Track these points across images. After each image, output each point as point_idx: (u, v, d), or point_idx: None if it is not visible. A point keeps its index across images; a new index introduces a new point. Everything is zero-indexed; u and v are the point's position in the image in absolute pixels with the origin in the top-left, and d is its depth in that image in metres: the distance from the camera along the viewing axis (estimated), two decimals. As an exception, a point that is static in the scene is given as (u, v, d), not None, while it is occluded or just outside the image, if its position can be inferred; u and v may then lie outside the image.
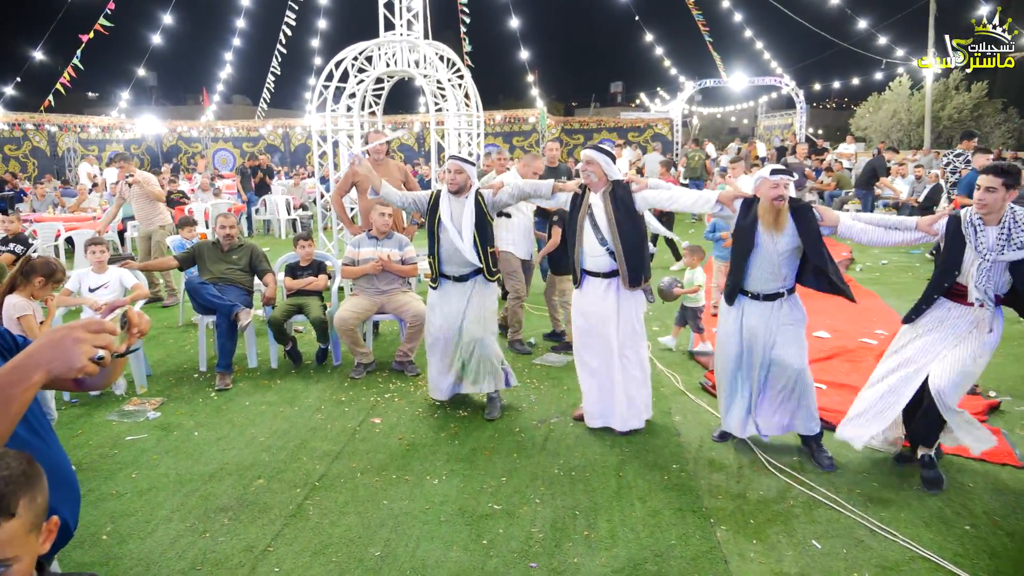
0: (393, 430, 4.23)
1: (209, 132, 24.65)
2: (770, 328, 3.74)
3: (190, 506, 3.35)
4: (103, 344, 1.29)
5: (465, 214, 4.28)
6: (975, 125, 25.17)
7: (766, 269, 3.68)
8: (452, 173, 4.30)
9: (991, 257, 3.25)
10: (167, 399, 4.76)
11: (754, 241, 3.66)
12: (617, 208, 3.96)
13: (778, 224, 3.59)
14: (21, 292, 3.89)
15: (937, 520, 3.17)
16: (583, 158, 4.04)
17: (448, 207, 4.32)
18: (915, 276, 8.76)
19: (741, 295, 3.82)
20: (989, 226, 3.29)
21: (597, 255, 4.04)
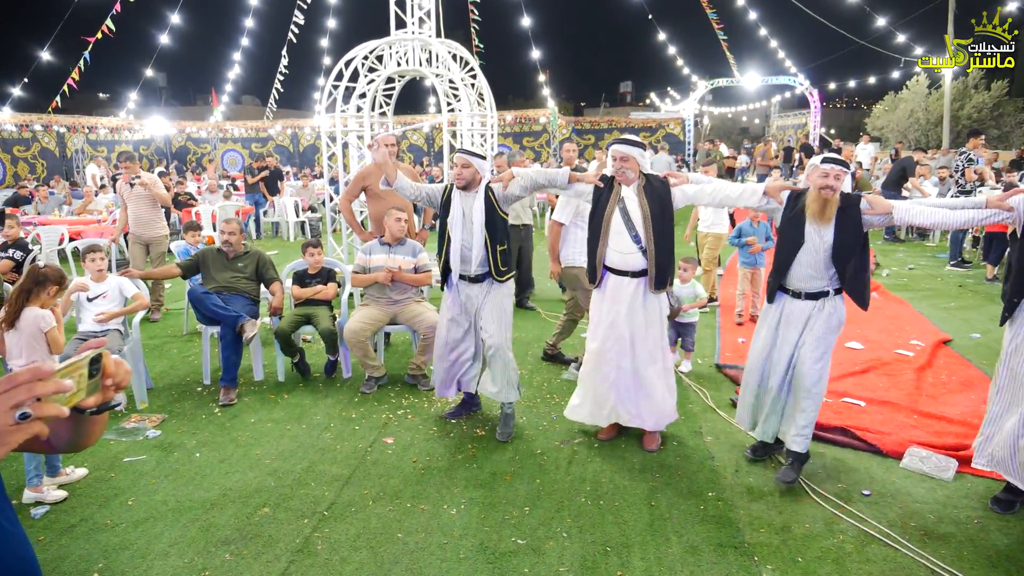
0: (407, 451, 3.98)
1: (218, 133, 24.51)
2: (804, 328, 3.51)
3: (189, 538, 3.11)
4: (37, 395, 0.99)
5: (475, 210, 4.03)
6: (995, 124, 24.74)
7: (811, 265, 3.44)
8: (459, 167, 4.05)
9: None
10: (168, 415, 4.52)
11: (801, 235, 3.42)
12: (652, 203, 3.73)
13: (824, 216, 3.35)
14: (34, 302, 3.74)
15: (1005, 560, 2.88)
16: (616, 154, 3.76)
17: (459, 203, 4.08)
18: (944, 282, 8.45)
19: (782, 292, 3.59)
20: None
21: (628, 252, 3.78)
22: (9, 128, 18.86)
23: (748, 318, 6.58)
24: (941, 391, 4.82)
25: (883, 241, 10.97)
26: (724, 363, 5.35)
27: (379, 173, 5.86)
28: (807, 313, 3.50)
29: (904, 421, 4.29)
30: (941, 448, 3.83)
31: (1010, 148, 20.72)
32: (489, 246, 4.04)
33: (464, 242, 4.06)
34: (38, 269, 3.87)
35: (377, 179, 5.83)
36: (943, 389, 4.85)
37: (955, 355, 5.59)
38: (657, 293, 3.83)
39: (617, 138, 3.82)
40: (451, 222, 4.10)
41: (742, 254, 6.49)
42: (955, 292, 7.86)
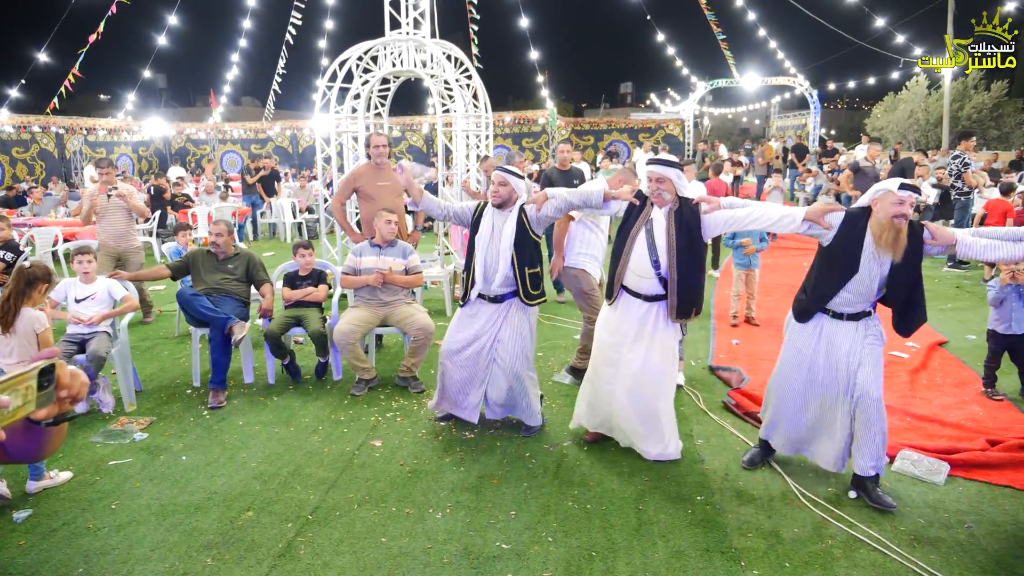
0: (394, 454, 3.95)
1: (217, 134, 24.50)
2: (854, 350, 3.33)
3: (171, 543, 3.08)
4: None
5: (506, 230, 3.94)
6: (994, 125, 24.71)
7: (859, 293, 3.27)
8: (496, 185, 3.96)
9: None
10: (157, 418, 4.50)
11: (856, 263, 3.21)
12: (680, 231, 3.50)
13: (896, 246, 3.11)
14: (27, 303, 3.74)
15: (995, 566, 2.85)
16: (652, 176, 3.55)
17: (490, 220, 3.99)
18: (941, 283, 8.41)
19: (821, 313, 3.40)
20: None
21: (644, 276, 3.61)
22: (7, 129, 18.84)
23: (743, 319, 6.55)
24: (935, 393, 4.78)
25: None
26: (717, 365, 5.31)
27: (370, 174, 5.85)
28: (852, 335, 3.34)
29: (896, 424, 4.25)
30: (933, 451, 3.80)
31: (1010, 148, 20.68)
32: (517, 267, 3.94)
33: (488, 260, 3.97)
34: (25, 269, 3.87)
35: (368, 180, 5.81)
36: (937, 391, 4.82)
37: (950, 357, 5.55)
38: (676, 322, 3.66)
39: (653, 159, 3.61)
40: (479, 238, 4.03)
41: (736, 255, 6.46)
42: (952, 293, 7.83)
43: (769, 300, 7.23)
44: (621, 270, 3.69)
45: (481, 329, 4.07)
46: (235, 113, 39.07)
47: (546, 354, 5.75)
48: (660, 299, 3.64)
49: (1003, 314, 4.58)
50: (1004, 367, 4.73)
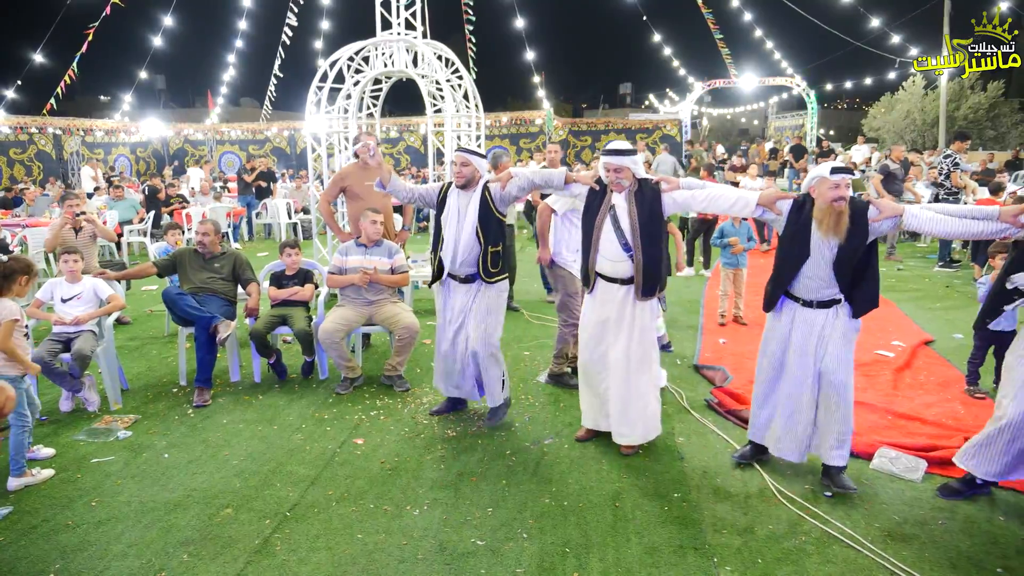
0: (376, 452, 3.96)
1: (214, 135, 24.53)
2: (823, 338, 3.40)
3: (149, 539, 3.09)
4: None
5: (470, 210, 4.05)
6: (991, 125, 24.72)
7: (818, 277, 3.34)
8: (459, 166, 4.07)
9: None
10: (141, 416, 4.51)
11: (807, 248, 3.32)
12: (642, 211, 3.64)
13: (838, 229, 3.22)
14: (7, 294, 3.74)
15: (966, 561, 2.86)
16: (609, 166, 3.63)
17: (456, 202, 4.10)
18: (932, 282, 8.43)
19: (791, 301, 3.48)
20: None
21: (617, 260, 3.72)
22: (4, 131, 18.88)
23: (731, 318, 6.57)
24: (918, 392, 4.80)
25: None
26: (703, 364, 5.32)
27: (358, 174, 5.87)
28: (821, 323, 3.40)
29: (878, 422, 4.27)
30: (912, 449, 3.81)
31: (1006, 149, 20.69)
32: (481, 246, 4.03)
33: (456, 240, 4.07)
34: (3, 263, 3.87)
35: (356, 179, 5.83)
36: (920, 390, 4.83)
37: (935, 356, 5.57)
38: (644, 300, 3.76)
39: (606, 149, 3.66)
40: (445, 220, 4.13)
41: (724, 254, 6.48)
42: (942, 293, 7.84)
43: (757, 299, 7.21)
44: (593, 258, 3.77)
45: (456, 309, 4.20)
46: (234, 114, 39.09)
47: (533, 353, 5.76)
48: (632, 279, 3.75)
49: None
50: (984, 364, 4.74)
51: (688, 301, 7.55)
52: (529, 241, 8.84)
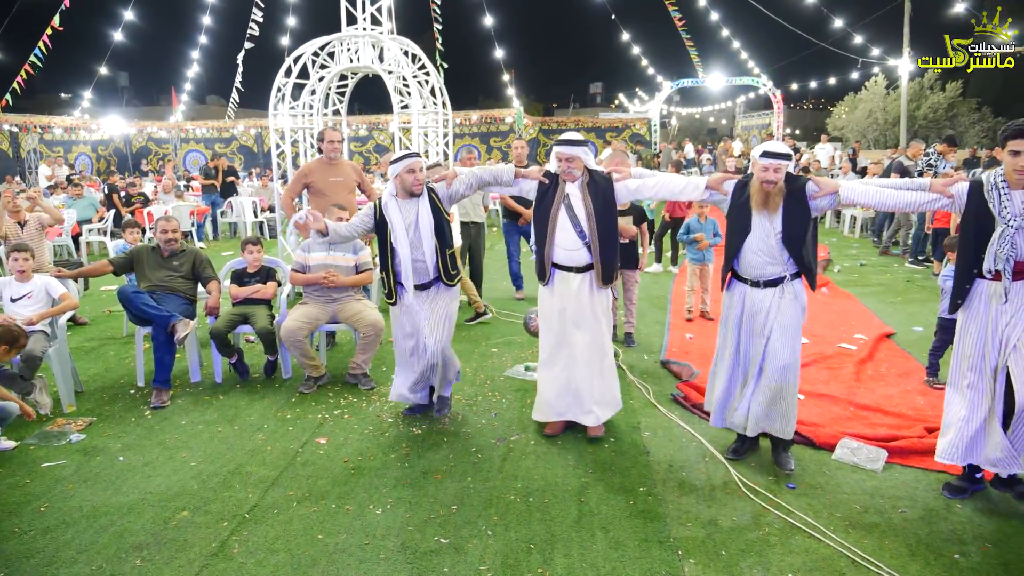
0: (339, 451, 3.89)
1: (179, 133, 24.06)
2: (769, 316, 3.50)
3: (100, 545, 2.99)
4: None
5: (422, 217, 3.93)
6: (950, 124, 25.34)
7: (763, 252, 3.45)
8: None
9: (1016, 223, 2.95)
10: (96, 419, 4.38)
11: (748, 223, 3.45)
12: (596, 199, 3.73)
13: (768, 205, 3.39)
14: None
15: (924, 548, 2.90)
16: (562, 156, 3.74)
17: (398, 213, 3.92)
18: (893, 277, 8.59)
19: (740, 282, 3.59)
20: (1015, 189, 3.00)
21: (574, 248, 3.79)
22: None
23: (698, 314, 6.61)
24: (879, 383, 4.87)
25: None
26: (669, 359, 5.34)
27: (322, 170, 5.79)
28: (769, 301, 3.50)
29: (840, 413, 4.32)
30: (873, 439, 3.86)
31: (964, 147, 21.19)
32: (439, 251, 3.98)
33: (415, 254, 3.95)
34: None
35: (320, 176, 5.74)
36: (881, 382, 4.90)
37: (896, 348, 5.66)
38: (604, 288, 3.87)
39: (559, 140, 3.77)
40: (393, 236, 3.94)
41: (690, 250, 6.51)
42: (903, 287, 7.99)
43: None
44: (549, 249, 3.82)
45: (417, 319, 4.08)
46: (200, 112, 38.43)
47: (501, 350, 5.73)
48: (591, 268, 3.82)
49: None
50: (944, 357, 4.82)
51: (655, 297, 7.58)
52: (499, 239, 8.80)
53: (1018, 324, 3.07)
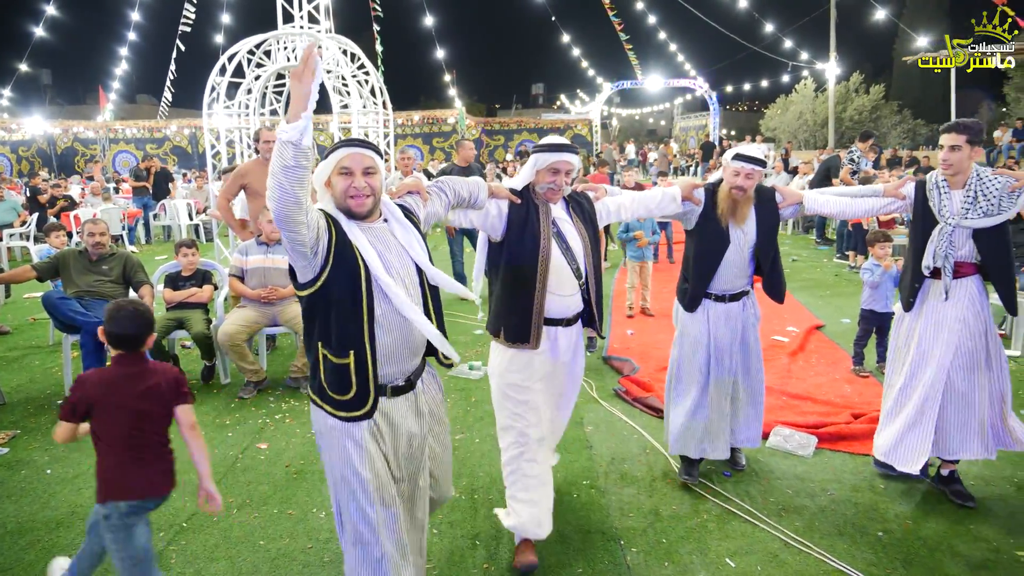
0: (280, 456, 3.83)
1: (107, 133, 23.11)
2: (736, 331, 3.36)
3: (27, 561, 2.87)
4: None
5: (413, 247, 2.21)
6: (874, 126, 26.52)
7: (736, 265, 3.26)
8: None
9: (953, 221, 3.08)
10: (21, 431, 4.18)
11: (727, 235, 3.20)
12: (586, 225, 2.88)
13: (737, 216, 3.17)
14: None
15: (851, 528, 3.05)
16: (554, 166, 2.71)
17: (371, 250, 2.08)
18: (823, 272, 8.95)
19: (704, 298, 3.34)
20: (954, 189, 3.12)
21: (568, 294, 2.81)
22: None
23: (638, 310, 6.75)
24: (810, 373, 5.08)
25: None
26: (611, 355, 5.45)
27: (258, 171, 5.65)
28: (737, 316, 3.34)
29: (774, 403, 4.48)
30: (804, 427, 4.03)
31: (887, 147, 22.24)
32: (436, 309, 2.29)
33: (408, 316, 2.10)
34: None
35: (257, 177, 5.61)
36: (812, 371, 5.12)
37: (825, 339, 5.92)
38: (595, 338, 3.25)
39: (547, 144, 2.75)
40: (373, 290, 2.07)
41: (630, 248, 6.65)
42: (831, 281, 8.34)
43: (665, 291, 7.47)
44: (540, 299, 2.73)
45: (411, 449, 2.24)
46: (130, 111, 36.98)
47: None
48: (580, 315, 2.93)
49: (878, 295, 4.92)
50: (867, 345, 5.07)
51: (598, 295, 7.70)
52: (442, 239, 8.77)
53: (953, 326, 3.16)
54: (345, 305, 2.03)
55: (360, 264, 2.05)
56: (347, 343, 2.05)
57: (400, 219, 2.23)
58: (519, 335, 2.77)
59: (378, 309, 2.08)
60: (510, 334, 2.79)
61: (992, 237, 3.08)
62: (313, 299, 2.06)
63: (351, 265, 2.04)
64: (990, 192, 3.04)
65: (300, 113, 1.81)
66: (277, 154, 1.80)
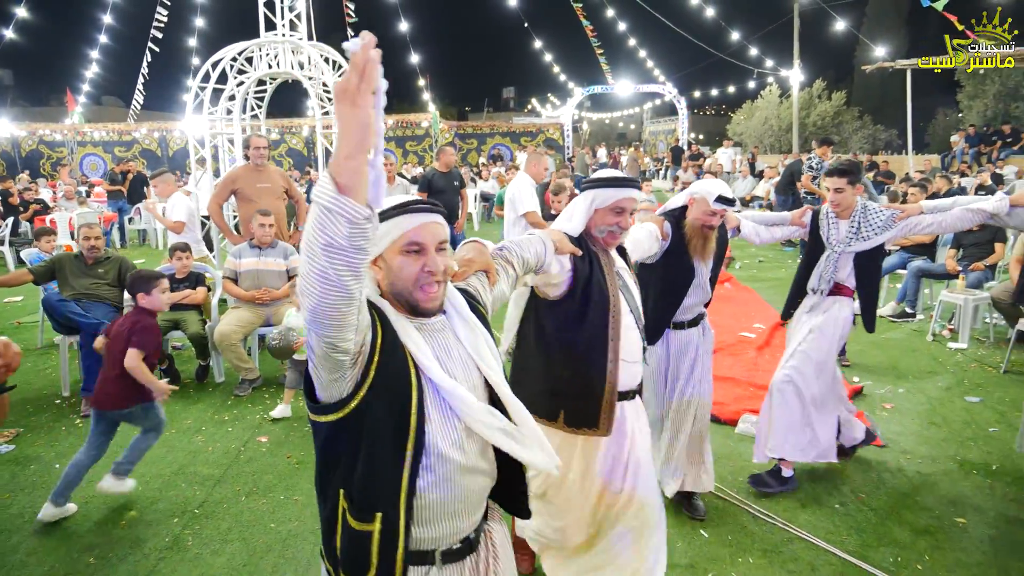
0: (280, 448, 4.04)
1: (75, 136, 22.82)
2: (690, 357, 3.21)
3: (49, 547, 3.05)
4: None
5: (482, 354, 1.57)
6: (836, 131, 27.39)
7: (696, 295, 3.17)
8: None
9: (839, 248, 3.44)
10: (24, 429, 4.32)
11: (692, 267, 3.09)
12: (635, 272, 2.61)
13: (706, 252, 3.09)
14: None
15: (811, 501, 3.37)
16: (625, 204, 2.31)
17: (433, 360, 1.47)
18: (788, 271, 9.37)
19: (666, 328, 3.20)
20: (841, 220, 3.49)
21: (635, 360, 2.40)
22: None
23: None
24: (775, 365, 5.40)
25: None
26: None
27: (248, 176, 5.84)
28: (695, 341, 3.24)
29: (742, 393, 4.81)
30: (769, 414, 4.35)
31: (848, 152, 23.02)
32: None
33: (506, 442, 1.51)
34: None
35: (247, 182, 5.79)
36: (776, 364, 5.45)
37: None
38: None
39: (616, 178, 2.36)
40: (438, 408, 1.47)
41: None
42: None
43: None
44: (613, 372, 2.30)
45: None
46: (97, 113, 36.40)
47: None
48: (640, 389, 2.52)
49: None
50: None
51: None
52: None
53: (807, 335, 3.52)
54: (382, 440, 1.40)
55: (412, 380, 1.42)
56: (375, 498, 1.41)
57: (464, 313, 1.59)
58: (587, 418, 2.30)
59: (431, 445, 1.43)
60: (574, 418, 2.31)
61: (868, 263, 3.47)
62: (339, 428, 1.41)
63: (400, 381, 1.41)
64: (874, 222, 3.40)
65: (355, 155, 1.14)
66: (317, 226, 1.16)
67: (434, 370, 1.44)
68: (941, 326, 6.25)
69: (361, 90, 1.12)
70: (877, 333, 5.90)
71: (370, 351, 1.39)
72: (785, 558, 2.92)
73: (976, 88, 23.82)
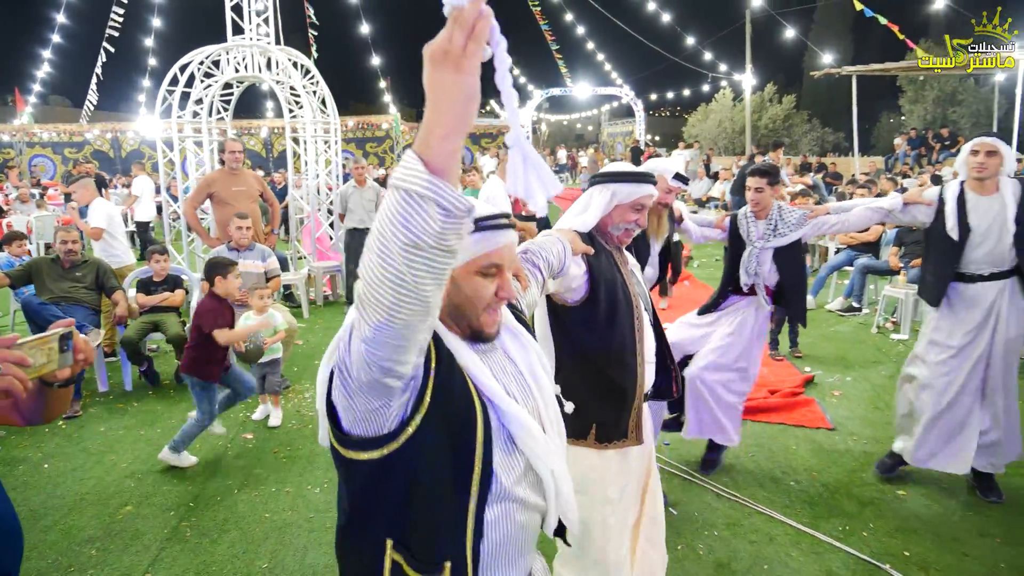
0: (267, 444, 4.18)
1: (24, 136, 22.17)
2: None
3: (50, 541, 3.15)
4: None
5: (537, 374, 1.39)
6: (787, 134, 28.31)
7: (647, 272, 3.26)
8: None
9: (759, 245, 3.70)
10: (6, 432, 4.36)
11: (650, 245, 3.28)
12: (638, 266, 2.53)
13: (660, 229, 3.23)
14: None
15: (769, 480, 3.68)
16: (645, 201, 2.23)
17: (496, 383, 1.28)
18: (744, 270, 9.79)
19: None
20: (759, 219, 3.75)
21: (653, 358, 2.30)
22: None
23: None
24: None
25: None
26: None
27: (225, 179, 5.94)
28: None
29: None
30: (729, 402, 4.66)
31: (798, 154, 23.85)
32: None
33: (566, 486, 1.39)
34: None
35: (223, 185, 5.89)
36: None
37: (746, 329, 6.65)
38: None
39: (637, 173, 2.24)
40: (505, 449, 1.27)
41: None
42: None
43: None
44: (641, 374, 2.19)
45: None
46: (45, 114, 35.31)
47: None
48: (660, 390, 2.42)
49: None
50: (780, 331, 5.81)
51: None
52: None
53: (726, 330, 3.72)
54: (442, 477, 1.20)
55: (476, 405, 1.23)
56: (443, 544, 1.22)
57: (514, 327, 1.43)
58: (617, 429, 2.17)
59: (496, 480, 1.24)
60: (605, 431, 2.16)
61: (788, 259, 3.69)
62: (387, 467, 1.18)
63: (462, 408, 1.22)
64: (788, 220, 3.68)
65: (452, 135, 0.96)
66: (398, 219, 0.94)
67: (498, 393, 1.25)
68: (885, 319, 6.68)
69: (468, 52, 0.93)
70: (826, 326, 6.35)
71: (424, 374, 1.17)
72: (747, 530, 3.21)
73: (917, 93, 24.94)
